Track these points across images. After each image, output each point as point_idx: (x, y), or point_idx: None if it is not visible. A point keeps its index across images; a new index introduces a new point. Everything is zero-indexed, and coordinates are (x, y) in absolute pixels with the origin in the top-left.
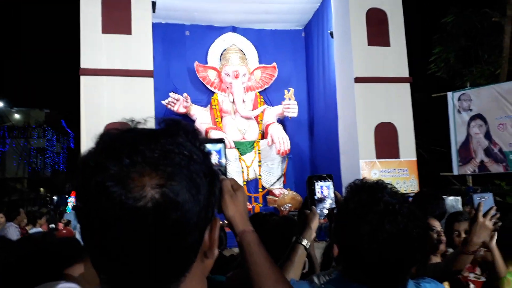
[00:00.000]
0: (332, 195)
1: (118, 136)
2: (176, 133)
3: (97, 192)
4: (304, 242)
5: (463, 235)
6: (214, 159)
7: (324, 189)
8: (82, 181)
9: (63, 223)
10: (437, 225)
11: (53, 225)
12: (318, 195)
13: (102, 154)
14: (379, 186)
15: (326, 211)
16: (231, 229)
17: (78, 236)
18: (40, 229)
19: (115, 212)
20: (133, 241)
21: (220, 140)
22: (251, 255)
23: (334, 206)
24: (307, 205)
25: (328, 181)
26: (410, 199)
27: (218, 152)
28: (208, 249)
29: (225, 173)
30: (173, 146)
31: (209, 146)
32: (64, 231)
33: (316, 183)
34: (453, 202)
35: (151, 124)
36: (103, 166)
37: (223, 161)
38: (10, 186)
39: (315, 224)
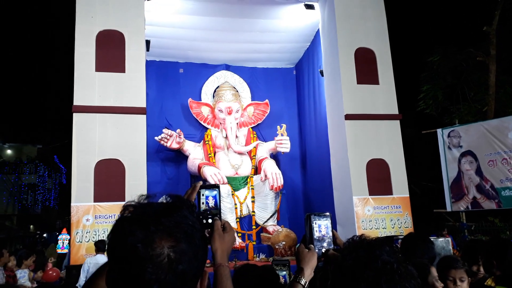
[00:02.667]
0: (330, 233)
1: (143, 210)
2: (181, 207)
3: (130, 250)
4: (303, 282)
5: (459, 284)
6: (211, 202)
7: (322, 227)
8: (117, 243)
9: (51, 263)
10: (435, 274)
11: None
12: (316, 234)
13: (133, 223)
14: (377, 244)
15: (323, 250)
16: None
17: (82, 278)
18: (26, 271)
19: (142, 264)
20: (153, 283)
21: (215, 186)
22: (221, 285)
23: (332, 246)
24: (306, 243)
25: (326, 219)
26: (399, 241)
27: (214, 197)
28: None
29: (220, 215)
30: (182, 219)
31: (206, 192)
32: (51, 272)
33: (314, 221)
34: (443, 243)
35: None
36: (134, 232)
37: (217, 204)
38: None
39: (313, 263)
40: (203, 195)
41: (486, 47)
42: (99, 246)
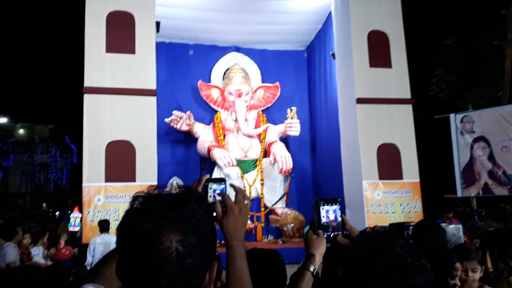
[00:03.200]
0: (339, 219)
1: (152, 202)
2: (190, 199)
3: (139, 243)
4: (311, 268)
5: (470, 274)
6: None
7: (331, 213)
8: (126, 235)
9: (64, 241)
10: (458, 269)
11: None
12: (324, 219)
13: (141, 215)
14: (391, 237)
15: (331, 236)
16: (224, 235)
17: (89, 258)
18: (41, 248)
19: (151, 257)
20: (161, 277)
21: (222, 180)
22: (234, 265)
23: (340, 231)
24: (314, 229)
25: (335, 205)
26: (411, 228)
27: (222, 191)
28: (208, 284)
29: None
30: (190, 211)
31: (214, 185)
32: (64, 250)
33: (322, 207)
34: (454, 230)
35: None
36: (142, 224)
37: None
38: (12, 201)
39: (322, 249)
40: (210, 188)
41: (502, 31)
42: (103, 226)
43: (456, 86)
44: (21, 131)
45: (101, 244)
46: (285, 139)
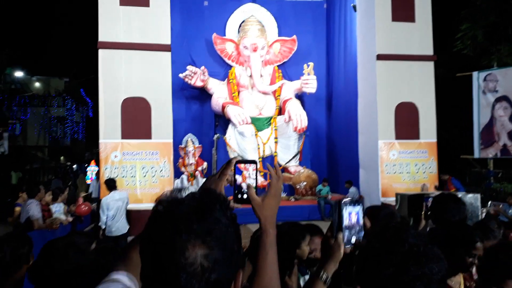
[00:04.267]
0: (361, 221)
1: (175, 212)
2: (214, 207)
3: (162, 257)
4: (324, 277)
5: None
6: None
7: (353, 215)
8: (150, 248)
9: (82, 197)
10: (480, 249)
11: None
12: (346, 222)
13: (165, 229)
14: (403, 227)
15: (353, 241)
16: (257, 215)
17: (103, 218)
18: (61, 205)
19: (174, 272)
20: None
21: (253, 161)
22: (268, 255)
23: (361, 234)
24: (332, 231)
25: (358, 206)
26: (430, 199)
27: (253, 171)
28: None
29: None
30: (214, 223)
31: (242, 166)
32: (83, 207)
33: (345, 209)
34: (472, 200)
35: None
36: (167, 240)
37: (256, 182)
38: (31, 154)
39: (338, 256)
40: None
41: None
42: (110, 184)
43: (482, 42)
44: (37, 84)
45: (113, 201)
46: (300, 96)
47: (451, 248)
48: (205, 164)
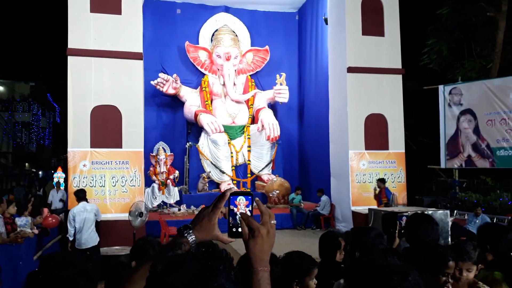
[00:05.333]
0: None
1: (175, 281)
2: (218, 270)
3: None
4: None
5: (464, 274)
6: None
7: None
8: None
9: (48, 209)
10: (452, 267)
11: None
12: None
13: None
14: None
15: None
16: (247, 253)
17: (70, 229)
18: (28, 219)
19: None
20: None
21: (249, 193)
22: None
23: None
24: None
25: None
26: (404, 218)
27: (249, 199)
28: None
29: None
30: None
31: (240, 197)
32: (50, 219)
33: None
34: (442, 216)
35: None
36: None
37: (250, 208)
38: None
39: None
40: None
41: (497, 2)
42: (79, 196)
43: (447, 57)
44: (1, 88)
45: (80, 213)
46: (273, 106)
47: (425, 268)
48: (176, 173)
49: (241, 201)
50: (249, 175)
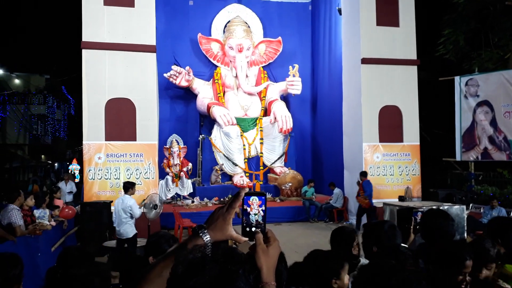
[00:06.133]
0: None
1: (196, 281)
2: (237, 275)
3: None
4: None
5: (483, 272)
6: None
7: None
8: None
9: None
10: (469, 266)
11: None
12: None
13: None
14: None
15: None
16: (259, 264)
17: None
18: (46, 211)
19: None
20: None
21: (263, 193)
22: None
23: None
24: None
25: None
26: (419, 214)
27: (262, 199)
28: None
29: (264, 225)
30: None
31: (254, 197)
32: (67, 210)
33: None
34: (458, 211)
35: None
36: None
37: (263, 208)
38: (11, 152)
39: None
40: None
41: None
42: (124, 187)
43: (464, 47)
44: (17, 81)
45: (116, 205)
46: (286, 97)
47: (441, 267)
48: (190, 165)
49: (254, 201)
50: (261, 168)
